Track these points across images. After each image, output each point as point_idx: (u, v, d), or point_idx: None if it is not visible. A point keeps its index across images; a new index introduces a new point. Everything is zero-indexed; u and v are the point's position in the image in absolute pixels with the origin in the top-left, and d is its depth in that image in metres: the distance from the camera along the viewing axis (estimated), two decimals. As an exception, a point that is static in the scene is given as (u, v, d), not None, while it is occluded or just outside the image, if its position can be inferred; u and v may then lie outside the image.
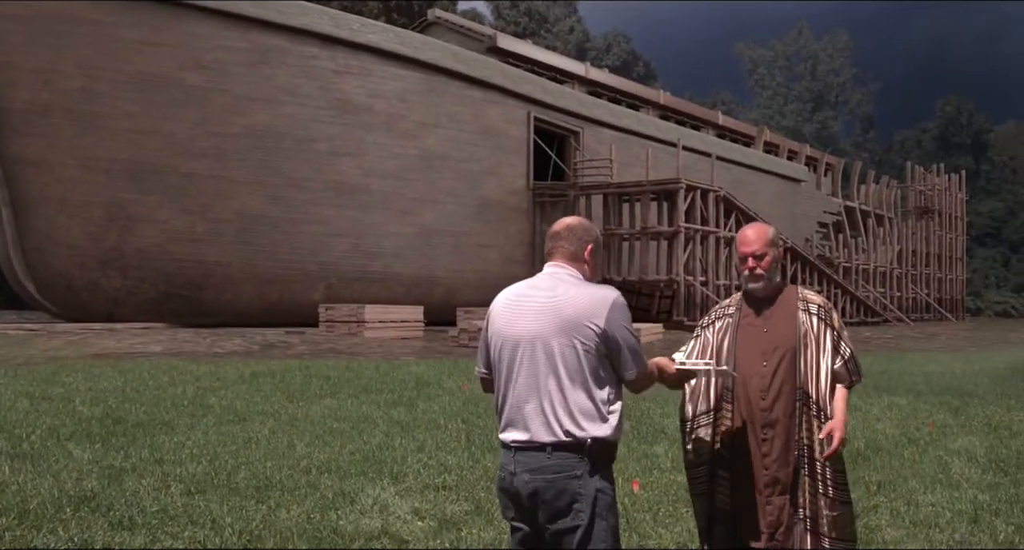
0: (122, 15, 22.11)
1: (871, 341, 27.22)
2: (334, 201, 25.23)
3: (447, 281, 28.01)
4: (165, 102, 22.72)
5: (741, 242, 3.71)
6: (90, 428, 8.20)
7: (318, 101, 25.08)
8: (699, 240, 30.57)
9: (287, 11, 24.57)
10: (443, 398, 10.82)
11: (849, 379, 3.57)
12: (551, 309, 2.96)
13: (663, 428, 8.78)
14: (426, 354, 18.18)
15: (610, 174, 31.70)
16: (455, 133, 28.37)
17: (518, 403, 2.97)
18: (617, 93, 38.58)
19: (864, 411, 10.27)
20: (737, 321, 3.73)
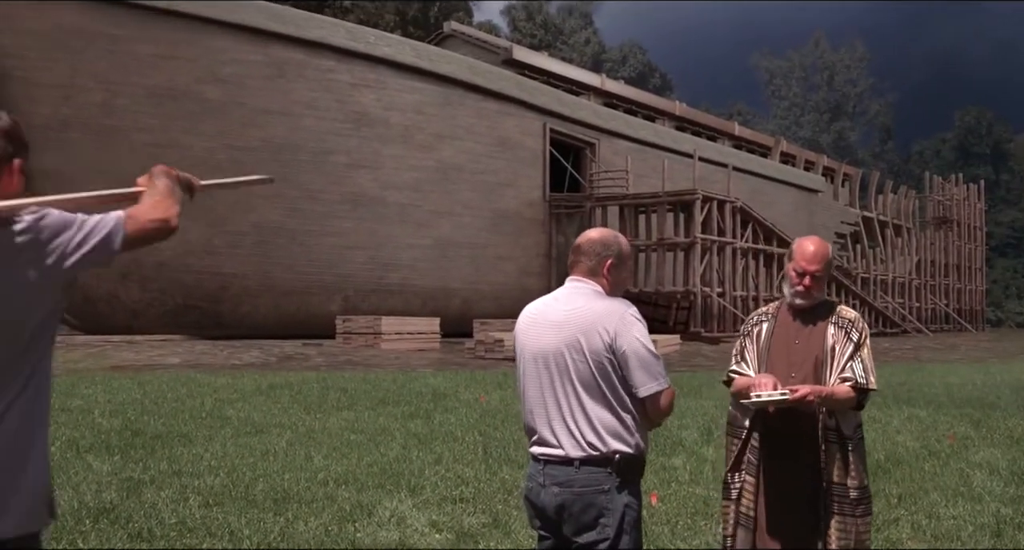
0: (140, 30, 22.31)
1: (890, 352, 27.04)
2: (351, 213, 25.32)
3: (464, 293, 28.03)
4: (183, 116, 22.90)
5: (802, 257, 3.65)
6: (109, 440, 8.23)
7: (335, 114, 25.21)
8: (716, 251, 30.49)
9: (304, 25, 24.74)
10: (460, 410, 10.81)
11: (855, 381, 3.53)
12: (566, 323, 2.96)
13: (680, 440, 8.74)
14: (443, 366, 18.18)
15: (626, 185, 31.68)
16: (471, 145, 28.45)
17: (544, 417, 2.98)
18: (633, 104, 38.61)
19: (884, 423, 10.19)
20: (772, 329, 3.72)
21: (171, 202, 2.15)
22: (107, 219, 2.01)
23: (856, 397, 3.53)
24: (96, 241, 1.96)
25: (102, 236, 1.97)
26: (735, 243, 31.30)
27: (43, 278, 1.93)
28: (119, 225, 2.00)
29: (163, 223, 2.09)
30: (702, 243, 29.59)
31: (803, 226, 42.71)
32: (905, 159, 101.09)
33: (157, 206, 2.10)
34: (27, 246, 1.91)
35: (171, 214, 2.11)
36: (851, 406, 3.56)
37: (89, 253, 1.96)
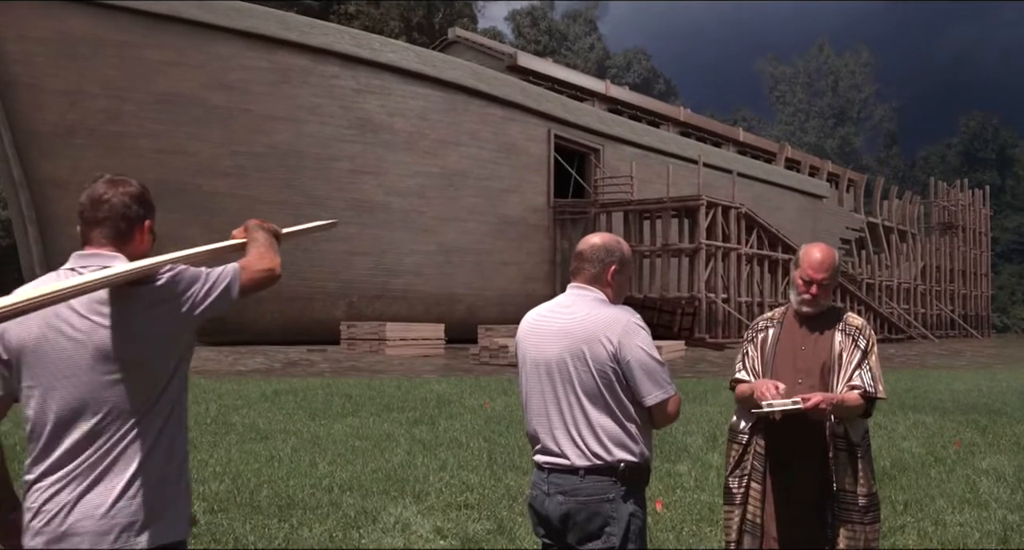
0: (146, 36, 22.39)
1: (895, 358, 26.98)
2: (356, 219, 25.34)
3: (468, 299, 28.04)
4: (189, 122, 22.96)
5: (808, 266, 3.63)
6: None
7: (339, 120, 25.26)
8: (720, 257, 30.46)
9: (309, 31, 24.80)
10: (465, 416, 10.81)
11: (864, 388, 3.52)
12: (568, 331, 2.94)
13: (686, 446, 8.73)
14: (447, 372, 18.18)
15: (631, 191, 31.68)
16: (476, 151, 28.48)
17: (548, 426, 2.97)
18: (637, 110, 38.62)
19: (889, 429, 10.17)
20: (778, 335, 3.71)
21: (273, 253, 2.51)
22: (226, 271, 2.39)
23: (864, 405, 3.53)
24: (219, 291, 2.33)
25: (223, 287, 2.34)
26: (740, 249, 31.27)
27: (179, 325, 2.28)
28: (236, 276, 2.38)
29: (270, 272, 2.46)
30: (707, 249, 29.57)
31: (808, 232, 42.66)
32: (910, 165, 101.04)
33: (263, 257, 2.47)
34: (166, 298, 2.26)
35: (275, 264, 2.48)
36: (859, 414, 3.55)
37: (215, 301, 2.32)
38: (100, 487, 2.18)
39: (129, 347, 2.22)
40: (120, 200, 2.39)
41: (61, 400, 2.21)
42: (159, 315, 2.26)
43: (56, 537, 2.16)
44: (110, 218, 2.37)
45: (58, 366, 2.22)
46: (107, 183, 2.41)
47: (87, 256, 2.33)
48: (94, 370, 2.20)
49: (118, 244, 2.37)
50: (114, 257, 2.32)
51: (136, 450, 2.22)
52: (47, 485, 2.19)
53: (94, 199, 2.37)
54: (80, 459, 2.19)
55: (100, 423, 2.20)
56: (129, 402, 2.22)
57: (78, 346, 2.21)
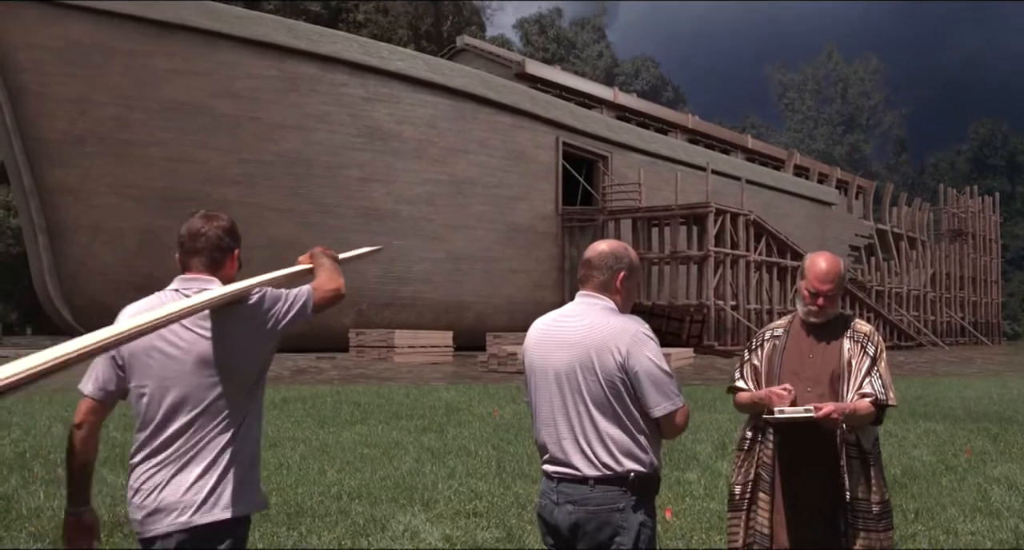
0: (155, 45, 22.49)
1: (905, 366, 26.87)
2: (364, 227, 25.38)
3: (477, 306, 28.04)
4: (197, 130, 23.04)
5: (815, 277, 3.60)
6: (123, 454, 8.24)
7: (348, 128, 25.32)
8: (729, 264, 30.41)
9: (317, 39, 24.88)
10: (473, 424, 10.79)
11: (875, 396, 3.50)
12: (576, 340, 2.92)
13: (695, 455, 8.70)
14: (456, 379, 18.17)
15: (639, 198, 31.67)
16: (484, 159, 28.51)
17: (556, 436, 2.94)
18: (645, 118, 38.63)
19: (900, 437, 10.12)
20: (784, 344, 3.69)
21: (338, 276, 2.96)
22: (302, 292, 2.82)
23: (876, 412, 3.51)
24: (297, 309, 2.78)
25: (300, 305, 2.79)
26: (748, 256, 31.22)
27: (264, 338, 2.72)
28: (310, 297, 2.83)
29: (337, 292, 2.92)
30: (715, 256, 29.53)
31: (816, 239, 42.58)
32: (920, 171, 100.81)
33: (331, 280, 2.93)
34: (255, 315, 2.70)
35: (341, 285, 2.93)
36: (871, 421, 3.53)
37: (294, 317, 2.77)
38: (188, 470, 2.60)
39: (224, 356, 2.65)
40: (215, 233, 2.82)
41: (166, 398, 2.64)
42: (249, 329, 2.69)
43: (150, 511, 2.61)
44: (207, 248, 2.80)
45: (165, 370, 2.65)
46: (202, 218, 2.86)
47: (189, 280, 2.77)
48: (195, 374, 2.64)
49: (213, 270, 2.79)
50: (211, 281, 2.75)
51: (222, 439, 2.65)
52: (147, 468, 2.63)
53: (192, 232, 2.82)
54: (175, 446, 2.62)
55: (196, 417, 2.63)
56: (221, 400, 2.65)
57: (183, 354, 2.65)
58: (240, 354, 2.68)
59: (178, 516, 2.59)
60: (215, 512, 2.60)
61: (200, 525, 2.59)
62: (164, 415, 2.64)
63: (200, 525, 2.59)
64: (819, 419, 3.32)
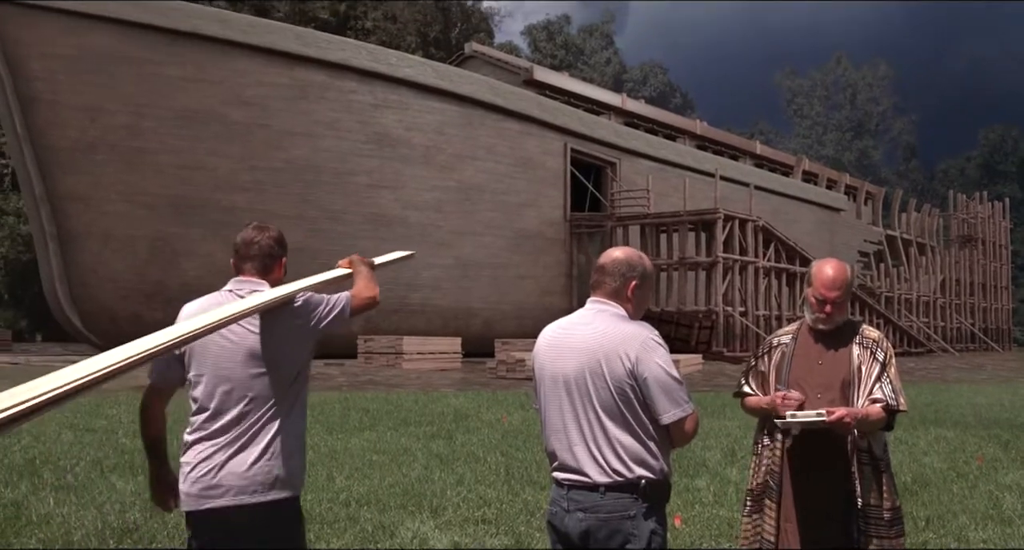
0: (167, 53, 22.59)
1: (915, 372, 26.77)
2: (373, 233, 25.41)
3: (485, 313, 28.04)
4: (208, 137, 23.13)
5: (820, 284, 3.60)
6: (133, 460, 8.26)
7: (357, 135, 25.38)
8: (738, 270, 30.36)
9: (327, 47, 24.96)
10: (482, 431, 10.78)
11: (886, 401, 3.49)
12: (586, 347, 2.92)
13: (704, 461, 8.68)
14: (465, 386, 18.17)
15: (647, 205, 31.65)
16: (492, 165, 28.53)
17: (566, 442, 2.94)
18: (654, 124, 38.61)
19: (911, 444, 10.08)
20: (792, 351, 3.68)
21: (374, 283, 3.27)
22: (341, 298, 3.14)
23: (886, 418, 3.50)
24: (337, 312, 3.10)
25: (339, 309, 3.11)
26: (757, 262, 31.17)
27: (307, 336, 3.06)
28: (348, 302, 3.15)
29: (373, 298, 3.21)
30: (724, 262, 29.49)
31: (825, 244, 42.48)
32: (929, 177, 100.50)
33: (367, 287, 3.23)
34: (299, 316, 3.04)
35: (376, 292, 3.22)
36: (882, 427, 3.53)
37: (333, 319, 3.09)
38: (243, 454, 2.92)
39: (270, 351, 2.98)
40: (267, 242, 3.20)
41: (219, 386, 2.97)
42: (294, 328, 3.03)
43: (208, 486, 2.91)
44: (259, 255, 3.18)
45: (218, 361, 2.98)
46: (256, 229, 3.24)
47: (242, 282, 3.15)
48: (245, 366, 2.97)
49: (263, 274, 3.17)
50: (261, 283, 3.13)
51: (271, 427, 2.96)
52: (203, 448, 2.95)
53: (247, 241, 3.20)
54: (230, 432, 2.94)
55: (247, 405, 2.95)
56: (269, 390, 2.97)
57: (235, 347, 2.98)
58: (284, 350, 3.01)
59: (236, 495, 2.90)
60: (271, 493, 2.93)
61: (256, 503, 2.91)
62: (218, 401, 2.97)
63: (256, 503, 2.91)
64: (831, 423, 3.31)
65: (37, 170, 22.29)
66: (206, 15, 23.89)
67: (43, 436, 9.71)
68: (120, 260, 22.75)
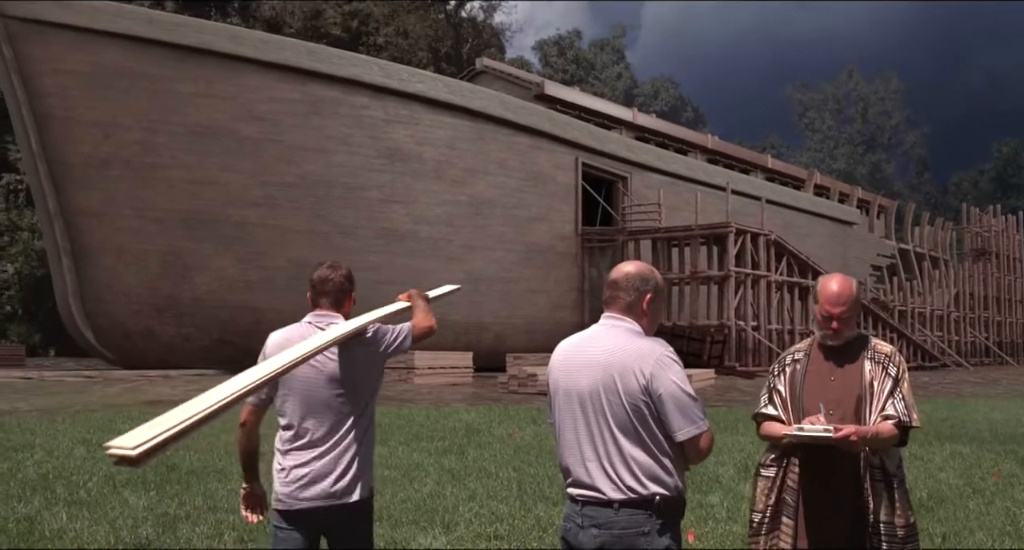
0: (179, 69, 22.74)
1: (929, 386, 26.59)
2: (384, 248, 25.46)
3: (496, 327, 28.01)
4: (220, 153, 23.24)
5: (826, 300, 3.59)
6: (145, 475, 8.27)
7: (368, 150, 25.46)
8: (750, 284, 30.27)
9: (339, 62, 25.09)
10: (494, 446, 10.75)
11: (898, 418, 3.47)
12: (600, 362, 2.91)
13: (717, 477, 8.63)
14: (476, 401, 18.13)
15: (659, 219, 31.62)
16: (503, 179, 28.57)
17: (580, 458, 2.93)
18: (665, 138, 38.61)
19: (926, 460, 10.00)
20: (805, 368, 3.67)
21: (431, 315, 3.79)
22: (404, 328, 3.67)
23: (899, 434, 3.47)
24: (400, 340, 3.64)
25: (402, 339, 3.65)
26: (769, 276, 31.07)
27: (377, 362, 3.61)
28: (410, 332, 3.68)
29: (431, 328, 3.75)
30: (736, 276, 29.40)
31: (838, 258, 42.33)
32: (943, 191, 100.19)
33: (425, 318, 3.76)
34: (371, 345, 3.57)
35: (433, 322, 3.75)
36: (894, 444, 3.50)
37: (398, 346, 3.63)
38: (327, 461, 3.43)
39: (347, 374, 3.50)
40: (339, 280, 3.69)
41: (305, 405, 3.47)
42: (366, 355, 3.55)
43: (299, 487, 3.42)
44: (333, 291, 3.66)
45: (305, 384, 3.46)
46: (329, 268, 3.72)
47: (320, 316, 3.62)
48: (327, 388, 3.47)
49: (337, 308, 3.65)
50: (336, 317, 3.61)
51: (350, 439, 3.48)
52: (295, 457, 3.45)
53: (322, 279, 3.68)
54: (317, 444, 3.44)
55: (330, 421, 3.46)
56: (347, 408, 3.49)
57: (317, 372, 3.47)
58: (359, 374, 3.53)
59: (324, 498, 3.42)
60: (353, 495, 3.45)
61: (339, 505, 3.44)
62: (302, 417, 3.46)
63: (339, 505, 3.44)
64: (837, 440, 3.29)
65: (51, 186, 22.43)
66: (218, 31, 24.04)
67: (56, 451, 9.73)
68: (133, 275, 22.85)
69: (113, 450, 2.53)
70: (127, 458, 2.51)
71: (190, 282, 23.18)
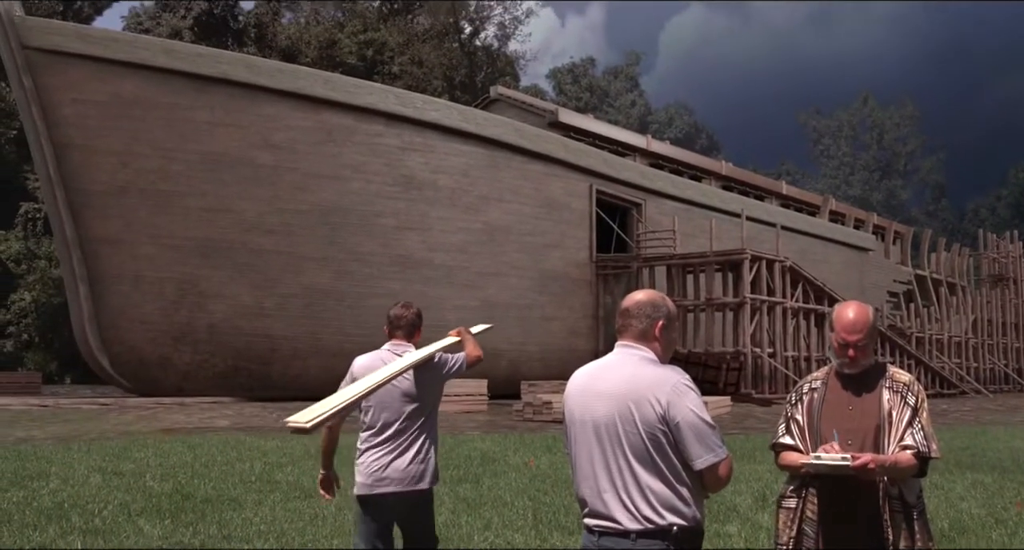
0: (196, 98, 22.97)
1: (949, 414, 26.32)
2: (399, 275, 25.52)
3: (511, 354, 27.94)
4: (236, 181, 23.41)
5: (842, 328, 3.56)
6: (160, 504, 8.25)
7: (384, 177, 25.59)
8: (766, 311, 30.13)
9: (354, 91, 25.28)
10: (509, 474, 10.68)
11: (917, 448, 3.42)
12: (615, 391, 2.90)
13: (735, 506, 8.54)
14: (491, 428, 18.05)
15: (673, 245, 31.58)
16: (518, 207, 28.62)
17: (596, 488, 2.91)
18: (679, 165, 38.64)
19: (946, 489, 9.87)
20: (823, 396, 3.63)
21: (479, 347, 4.71)
22: (460, 357, 4.62)
23: (918, 465, 3.43)
24: (458, 366, 4.60)
25: (460, 364, 4.60)
26: (785, 303, 30.93)
27: (439, 381, 4.56)
28: (465, 361, 4.62)
29: (480, 358, 4.65)
30: (751, 303, 29.29)
31: (854, 285, 42.14)
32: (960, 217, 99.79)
33: (474, 349, 4.68)
34: (435, 369, 4.53)
35: (481, 352, 4.67)
36: (913, 474, 3.45)
37: (456, 371, 4.58)
38: (401, 458, 4.38)
39: (417, 391, 4.45)
40: (411, 317, 4.67)
41: (383, 413, 4.44)
42: (432, 376, 4.51)
43: (378, 479, 4.38)
44: (406, 326, 4.65)
45: (383, 396, 4.40)
46: (403, 307, 4.70)
47: (397, 345, 4.60)
48: (401, 400, 4.43)
49: (409, 339, 4.63)
50: (408, 346, 4.59)
51: (417, 439, 4.43)
52: (373, 453, 4.43)
53: (398, 316, 4.65)
54: (391, 443, 4.40)
55: (401, 424, 4.41)
56: (416, 416, 4.44)
57: (393, 388, 4.40)
58: (426, 390, 4.47)
59: (398, 485, 4.35)
60: (421, 484, 4.39)
61: (411, 491, 4.36)
62: (383, 423, 4.43)
63: (411, 491, 4.36)
64: (855, 469, 3.25)
65: (69, 214, 22.63)
66: (235, 61, 24.29)
67: (71, 479, 9.73)
68: (149, 302, 22.96)
69: (291, 423, 3.87)
70: (302, 429, 3.86)
71: (205, 309, 23.27)
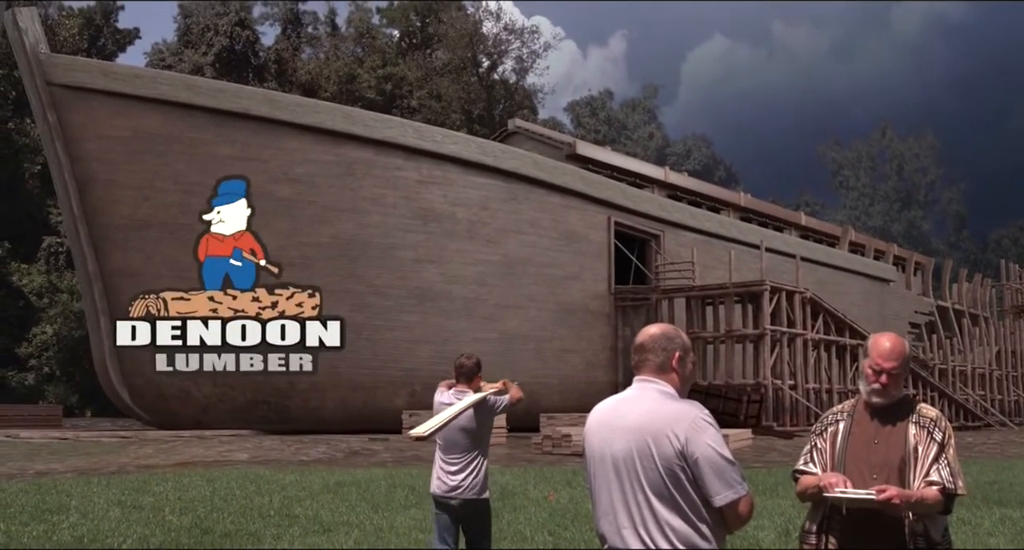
0: (217, 133, 23.23)
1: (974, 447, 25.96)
2: (417, 308, 25.54)
3: (529, 386, 27.46)
4: (256, 214, 23.58)
5: (878, 354, 3.55)
6: (179, 538, 8.22)
7: (402, 210, 25.71)
8: (786, 343, 29.91)
9: (373, 125, 25.50)
10: (529, 508, 10.59)
11: (943, 484, 3.37)
12: (634, 428, 2.87)
13: (758, 541, 8.42)
14: (510, 462, 17.93)
15: (692, 277, 31.48)
16: (536, 239, 28.65)
17: (615, 525, 2.88)
18: (697, 196, 38.60)
19: (974, 525, 9.70)
20: (848, 428, 3.59)
21: (520, 391, 6.09)
22: (504, 399, 5.98)
23: (944, 501, 3.38)
24: (503, 406, 5.99)
25: (504, 404, 5.99)
26: (806, 334, 30.69)
27: (490, 416, 5.95)
28: (509, 401, 6.02)
29: (521, 400, 6.08)
30: (772, 335, 29.09)
31: (875, 316, 41.82)
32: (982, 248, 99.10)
33: (516, 393, 6.06)
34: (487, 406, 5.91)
35: (522, 395, 6.05)
36: (939, 511, 3.40)
37: (502, 409, 5.99)
38: (465, 472, 5.71)
39: (475, 422, 5.77)
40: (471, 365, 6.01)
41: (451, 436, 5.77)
42: (484, 413, 5.84)
43: (449, 488, 5.69)
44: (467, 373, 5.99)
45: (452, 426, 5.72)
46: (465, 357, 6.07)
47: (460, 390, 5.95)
48: (461, 432, 5.75)
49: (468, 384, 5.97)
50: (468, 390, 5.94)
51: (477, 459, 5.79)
52: (446, 467, 5.78)
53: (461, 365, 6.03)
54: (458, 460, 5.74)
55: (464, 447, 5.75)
56: (473, 443, 5.79)
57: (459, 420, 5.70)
58: (479, 424, 5.81)
59: (463, 493, 5.66)
60: (475, 493, 5.70)
61: (472, 498, 5.68)
62: (452, 444, 5.78)
63: (472, 498, 5.68)
64: (880, 502, 3.21)
65: (91, 247, 22.84)
66: (255, 96, 24.57)
67: (91, 513, 9.72)
68: (169, 335, 23.07)
69: (413, 433, 5.73)
70: (421, 437, 5.63)
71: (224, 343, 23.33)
